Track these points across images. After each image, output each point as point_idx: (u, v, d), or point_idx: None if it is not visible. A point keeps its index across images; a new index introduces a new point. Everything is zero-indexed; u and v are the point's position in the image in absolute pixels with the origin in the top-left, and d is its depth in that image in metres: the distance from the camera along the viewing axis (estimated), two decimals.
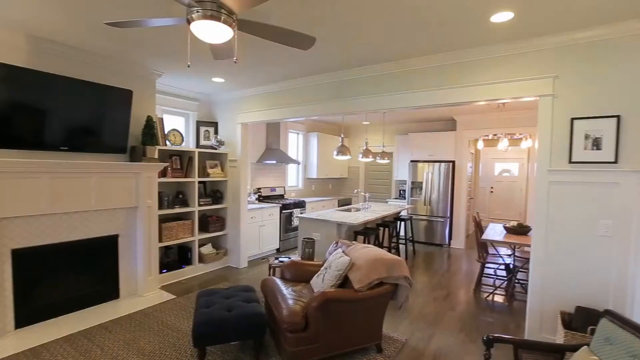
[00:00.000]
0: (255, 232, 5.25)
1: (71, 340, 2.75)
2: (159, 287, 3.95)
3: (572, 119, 2.72)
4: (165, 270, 4.15)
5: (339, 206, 7.49)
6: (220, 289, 2.83)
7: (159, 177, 3.95)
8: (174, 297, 3.71)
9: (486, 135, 4.34)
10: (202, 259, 4.59)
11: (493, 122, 6.10)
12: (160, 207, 4.05)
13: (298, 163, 6.41)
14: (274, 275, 3.49)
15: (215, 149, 4.80)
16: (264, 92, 4.45)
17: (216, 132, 5.00)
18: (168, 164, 4.00)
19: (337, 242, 3.33)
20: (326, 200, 7.03)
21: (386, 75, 3.52)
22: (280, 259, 3.52)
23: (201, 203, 4.55)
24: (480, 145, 4.59)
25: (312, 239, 3.57)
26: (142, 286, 3.70)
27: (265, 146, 6.27)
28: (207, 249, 4.68)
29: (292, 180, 7.21)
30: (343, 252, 3.03)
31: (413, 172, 6.87)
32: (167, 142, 4.25)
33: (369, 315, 2.63)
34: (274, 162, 5.82)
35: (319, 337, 2.43)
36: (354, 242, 3.26)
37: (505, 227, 4.36)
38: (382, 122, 7.56)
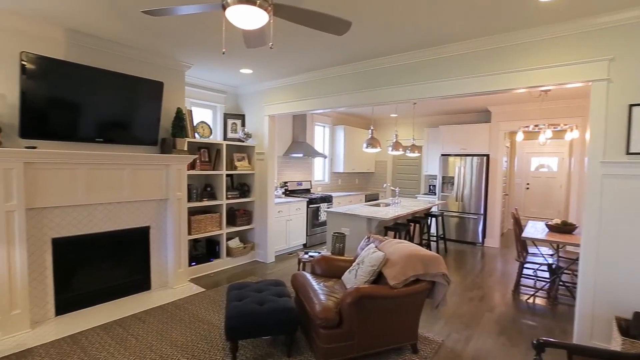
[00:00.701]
0: (282, 227, 5.21)
1: (107, 329, 2.80)
2: (188, 280, 3.98)
3: (631, 106, 2.46)
4: (194, 263, 4.18)
5: (366, 201, 7.35)
6: (251, 283, 2.78)
7: (187, 170, 3.96)
8: (204, 289, 3.71)
9: (526, 127, 4.06)
10: (229, 252, 4.59)
11: (531, 113, 5.75)
12: (189, 199, 4.07)
13: (325, 157, 6.31)
14: (303, 270, 3.42)
15: (243, 141, 4.77)
16: (291, 83, 4.36)
17: (243, 125, 4.98)
18: (197, 156, 4.01)
19: (369, 237, 3.21)
20: (353, 195, 6.90)
21: (420, 63, 3.33)
22: (310, 254, 3.44)
23: (229, 196, 4.55)
24: (519, 137, 4.30)
25: (342, 233, 3.46)
26: (173, 278, 3.73)
27: (291, 139, 6.21)
28: (235, 243, 4.68)
29: (318, 174, 7.12)
30: (376, 247, 2.91)
31: (444, 166, 6.61)
32: (196, 135, 4.26)
33: (404, 314, 2.50)
34: (301, 155, 5.75)
35: (353, 335, 2.33)
36: (386, 237, 3.13)
37: (547, 225, 4.07)
38: (411, 115, 7.31)
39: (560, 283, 3.78)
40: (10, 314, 2.63)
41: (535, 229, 4.12)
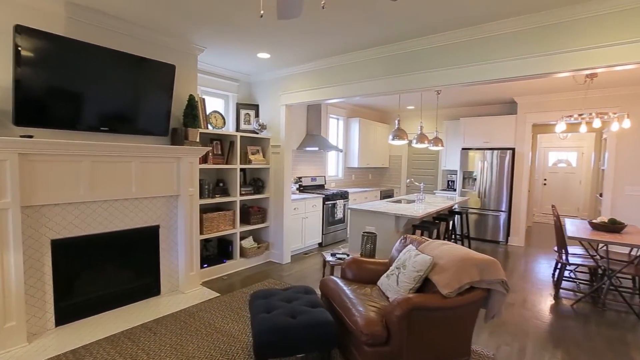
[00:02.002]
0: (298, 225, 4.88)
1: (114, 342, 2.47)
2: (201, 284, 3.65)
3: None
4: (205, 265, 3.85)
5: (381, 197, 7.01)
6: (277, 290, 2.45)
7: (199, 163, 3.62)
8: (218, 294, 3.39)
9: (569, 116, 3.71)
10: (243, 253, 4.27)
11: (561, 104, 5.39)
12: (201, 196, 3.74)
13: (341, 151, 5.96)
14: (331, 274, 3.08)
15: (257, 133, 4.43)
16: (311, 69, 4.01)
17: (257, 115, 4.63)
18: (210, 148, 3.67)
19: (405, 238, 2.87)
20: (368, 191, 6.56)
21: (455, 45, 2.97)
22: (338, 256, 3.11)
23: (242, 192, 4.22)
24: (560, 127, 3.94)
25: (373, 233, 3.13)
26: (184, 282, 3.41)
27: (305, 132, 5.86)
28: (249, 243, 4.35)
29: (332, 169, 6.78)
30: (417, 249, 2.57)
31: (464, 161, 6.26)
32: (209, 125, 3.92)
33: (457, 327, 2.17)
34: (316, 149, 5.41)
35: (402, 352, 2.00)
36: (425, 237, 2.79)
37: (591, 223, 3.73)
38: (430, 107, 6.95)
39: (612, 287, 3.45)
40: (3, 326, 2.30)
41: (576, 228, 3.79)
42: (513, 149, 5.82)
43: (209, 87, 4.25)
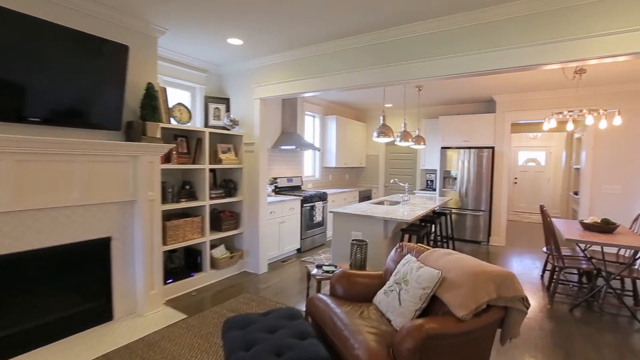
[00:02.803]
0: (274, 230, 4.45)
1: None
2: (164, 303, 3.14)
3: None
4: (170, 280, 3.34)
5: (359, 198, 6.72)
6: (256, 316, 2.03)
7: (161, 163, 3.11)
8: (184, 316, 2.90)
9: (559, 113, 3.57)
10: (214, 264, 3.78)
11: (539, 103, 5.36)
12: (164, 200, 3.23)
13: (318, 149, 5.59)
14: (318, 290, 2.69)
15: (228, 130, 3.96)
16: (288, 59, 3.61)
17: (228, 110, 4.15)
18: (173, 146, 3.17)
19: (401, 246, 2.55)
20: (347, 191, 6.24)
21: (453, 32, 2.70)
22: (325, 268, 2.73)
23: (212, 195, 3.73)
24: (548, 125, 3.81)
25: (363, 241, 2.78)
26: (143, 303, 2.89)
27: (280, 130, 5.44)
28: (220, 252, 3.87)
29: (308, 169, 6.40)
30: (418, 260, 2.25)
31: (444, 160, 6.11)
32: (172, 120, 3.40)
33: (473, 353, 1.86)
34: (293, 147, 5.00)
35: None
36: (423, 245, 2.48)
37: (582, 223, 3.62)
38: (408, 105, 6.75)
39: (610, 290, 3.33)
40: None
41: (567, 228, 3.66)
42: (492, 148, 5.73)
43: (172, 77, 3.72)
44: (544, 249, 4.01)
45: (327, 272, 2.66)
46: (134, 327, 2.69)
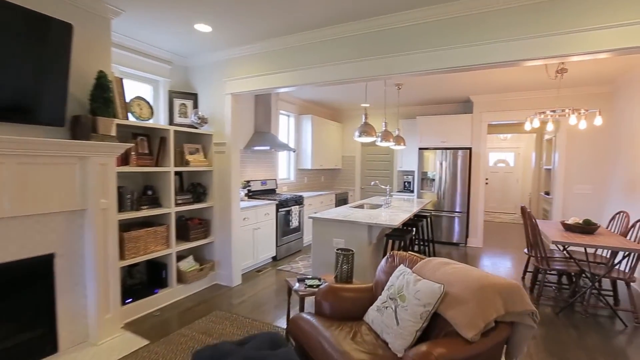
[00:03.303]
0: (248, 238, 4.11)
1: None
2: (122, 327, 2.73)
3: None
4: (129, 300, 2.92)
5: (336, 201, 6.49)
6: (231, 346, 1.71)
7: (117, 165, 2.71)
8: (146, 342, 2.51)
9: (542, 112, 3.53)
10: (181, 277, 3.38)
11: (515, 104, 5.39)
12: (121, 208, 2.81)
13: (293, 150, 5.30)
14: (301, 309, 2.40)
15: (196, 128, 3.59)
16: (262, 50, 3.30)
17: (196, 107, 3.77)
18: (132, 145, 2.77)
19: (392, 256, 2.32)
20: (323, 194, 6.00)
21: (439, 23, 2.52)
22: (308, 283, 2.44)
23: (179, 201, 3.34)
24: (529, 126, 3.77)
25: (349, 250, 2.53)
26: (96, 329, 2.47)
27: (253, 129, 5.10)
28: (188, 264, 3.48)
29: (283, 171, 6.09)
30: (413, 271, 2.04)
31: (422, 161, 6.02)
32: (130, 115, 2.99)
33: None
34: (267, 148, 4.68)
35: None
36: (416, 254, 2.27)
37: (564, 224, 3.59)
38: (382, 105, 6.62)
39: (595, 291, 3.30)
40: None
41: (549, 229, 3.62)
42: (470, 149, 5.71)
43: (132, 67, 3.30)
44: (525, 250, 3.97)
45: (310, 286, 2.38)
46: (83, 359, 2.27)
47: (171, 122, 3.60)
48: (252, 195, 4.89)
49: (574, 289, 3.53)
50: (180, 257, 3.48)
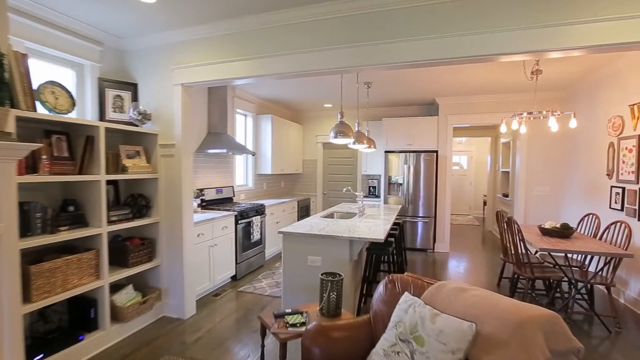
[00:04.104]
0: (204, 257, 3.47)
1: None
2: None
3: None
4: (40, 356, 2.16)
5: (298, 209, 6.01)
6: None
7: (21, 174, 1.98)
8: None
9: (520, 114, 3.41)
10: (117, 315, 2.66)
11: (480, 107, 5.38)
12: (27, 232, 2.08)
13: (253, 154, 4.74)
14: (283, 357, 1.88)
15: (136, 126, 2.90)
16: (222, 32, 2.75)
17: (135, 99, 3.07)
18: (40, 146, 2.06)
19: (391, 281, 1.91)
20: (285, 202, 5.49)
21: (446, 6, 2.21)
22: (289, 319, 1.93)
23: (113, 218, 2.63)
24: (505, 128, 3.65)
25: (338, 275, 2.08)
26: None
27: (207, 129, 4.44)
28: (126, 297, 2.77)
29: (240, 177, 5.47)
30: (424, 302, 1.65)
31: (388, 164, 5.79)
32: (40, 106, 2.25)
33: None
34: (224, 151, 4.07)
35: None
36: (420, 277, 1.89)
37: (541, 229, 3.49)
38: (351, 105, 6.30)
39: (580, 297, 3.19)
40: None
41: (526, 235, 3.51)
42: (436, 152, 5.59)
43: (45, 44, 2.53)
44: (501, 256, 3.85)
45: (293, 325, 1.88)
46: None
47: (102, 118, 2.87)
48: (206, 205, 4.23)
49: (554, 296, 3.44)
50: (117, 287, 2.76)
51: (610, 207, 3.81)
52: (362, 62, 2.37)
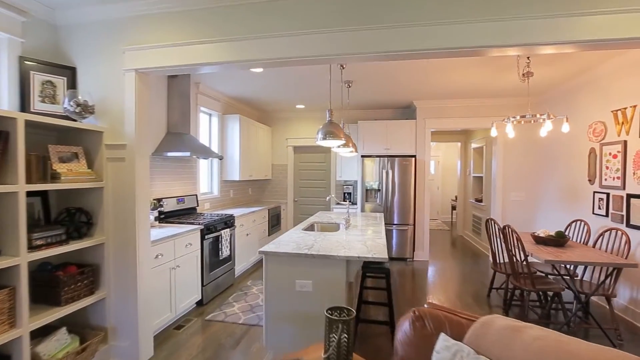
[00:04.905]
0: (164, 282, 2.85)
1: None
2: None
3: None
4: None
5: (269, 218, 5.49)
6: None
7: None
8: None
9: (514, 117, 3.22)
10: None
11: (457, 111, 5.26)
12: None
13: (220, 157, 4.16)
14: None
15: (74, 120, 2.26)
16: (184, 7, 2.22)
17: (73, 87, 2.42)
18: None
19: (419, 317, 1.52)
20: (255, 211, 4.94)
21: None
22: None
23: (38, 242, 1.97)
24: (495, 132, 3.47)
25: (348, 310, 1.65)
26: None
27: (165, 129, 3.80)
28: (56, 344, 2.10)
29: (204, 184, 4.84)
30: (476, 349, 1.27)
31: (365, 170, 5.47)
32: None
33: None
34: (187, 154, 3.47)
35: None
36: (455, 311, 1.52)
37: (535, 237, 3.33)
38: (319, 109, 5.91)
39: (583, 310, 3.03)
40: None
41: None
42: (414, 157, 5.38)
43: None
44: (492, 265, 3.65)
45: None
46: None
47: (25, 109, 2.19)
48: (165, 218, 3.59)
49: (550, 308, 3.28)
50: (45, 332, 2.09)
51: (593, 213, 3.77)
52: (346, 50, 1.99)
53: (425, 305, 1.75)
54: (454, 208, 9.02)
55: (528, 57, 3.30)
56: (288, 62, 2.14)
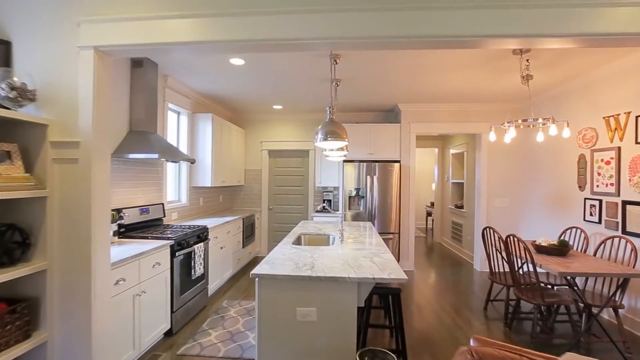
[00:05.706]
0: (126, 313, 2.31)
1: None
2: None
3: None
4: None
5: (244, 227, 4.99)
6: None
7: None
8: None
9: (515, 120, 3.06)
10: None
11: (442, 115, 5.14)
12: None
13: (192, 161, 3.65)
14: None
15: (7, 108, 1.71)
16: None
17: (6, 65, 1.86)
18: None
19: (472, 353, 1.20)
20: (229, 221, 4.44)
21: None
22: None
23: None
24: (494, 136, 3.32)
25: (384, 353, 1.28)
26: None
27: (127, 127, 3.24)
28: None
29: (171, 192, 4.26)
30: None
31: (347, 175, 5.17)
32: None
33: None
34: (155, 156, 2.94)
35: None
36: (507, 346, 1.22)
37: (536, 246, 3.19)
38: (299, 110, 5.55)
39: (577, 320, 2.88)
40: None
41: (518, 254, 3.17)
42: (399, 162, 5.17)
43: None
44: (489, 276, 3.47)
45: None
46: None
47: None
48: (126, 232, 3.02)
49: (554, 320, 3.13)
50: None
51: (585, 220, 3.73)
52: (338, 34, 1.68)
53: (472, 342, 1.43)
54: (429, 214, 9.00)
55: (528, 60, 3.18)
56: (274, 45, 1.76)
